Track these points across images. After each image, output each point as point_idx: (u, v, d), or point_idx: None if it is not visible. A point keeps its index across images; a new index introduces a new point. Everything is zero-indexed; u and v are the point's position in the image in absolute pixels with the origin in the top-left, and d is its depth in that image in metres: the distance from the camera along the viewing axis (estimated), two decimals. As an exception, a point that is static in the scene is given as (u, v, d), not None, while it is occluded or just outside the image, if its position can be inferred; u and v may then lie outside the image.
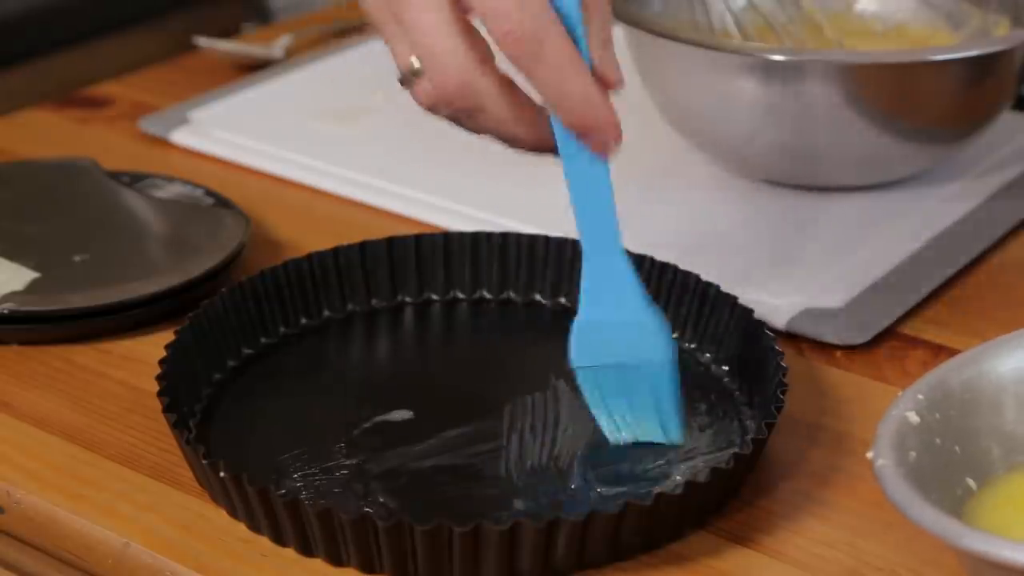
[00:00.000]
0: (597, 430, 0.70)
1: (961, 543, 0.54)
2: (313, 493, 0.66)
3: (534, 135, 0.65)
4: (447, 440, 0.69)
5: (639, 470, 0.68)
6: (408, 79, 0.65)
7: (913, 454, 0.59)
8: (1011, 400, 0.63)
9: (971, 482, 0.61)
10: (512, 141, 0.66)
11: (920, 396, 0.61)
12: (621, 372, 0.68)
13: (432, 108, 0.65)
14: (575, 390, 0.70)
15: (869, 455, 0.58)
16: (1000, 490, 0.61)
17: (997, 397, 0.63)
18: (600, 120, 0.64)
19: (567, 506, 0.65)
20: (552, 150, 0.66)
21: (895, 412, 0.60)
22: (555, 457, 0.69)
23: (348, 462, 0.68)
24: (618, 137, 0.64)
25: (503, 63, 0.64)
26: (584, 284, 0.68)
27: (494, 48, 0.64)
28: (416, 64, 0.64)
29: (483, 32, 0.64)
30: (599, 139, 0.64)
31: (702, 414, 0.71)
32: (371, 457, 0.68)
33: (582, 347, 0.68)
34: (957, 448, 0.61)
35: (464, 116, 0.65)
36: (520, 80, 0.64)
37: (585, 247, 0.67)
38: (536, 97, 0.65)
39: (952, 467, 0.60)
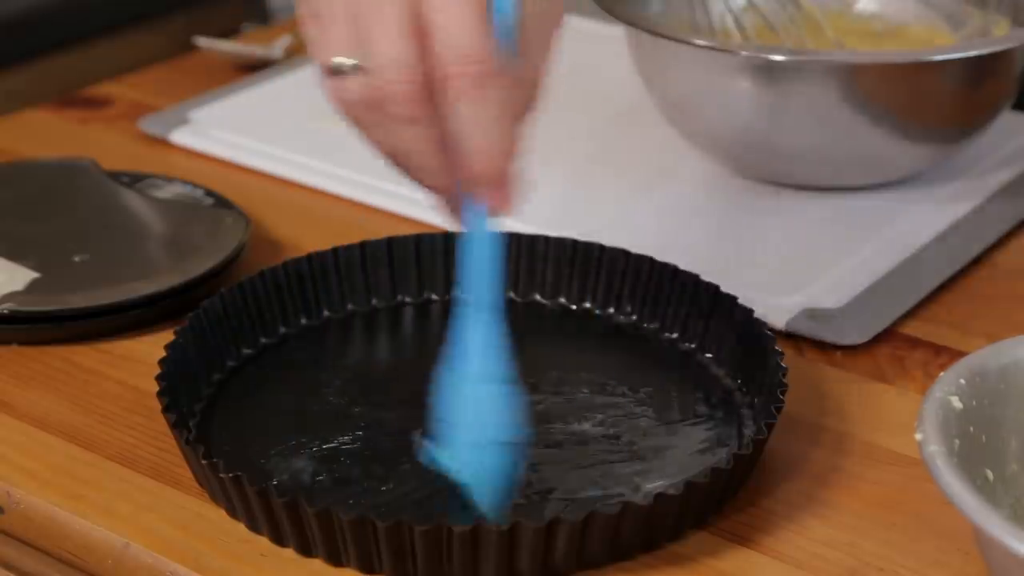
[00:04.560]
0: (594, 430, 0.70)
1: None
2: (313, 493, 0.66)
3: (446, 177, 0.61)
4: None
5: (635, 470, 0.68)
6: (336, 71, 0.60)
7: (957, 442, 0.58)
8: None
9: (989, 473, 0.61)
10: (419, 170, 0.62)
11: (962, 381, 0.61)
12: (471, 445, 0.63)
13: (358, 107, 0.60)
14: (570, 389, 0.69)
15: (918, 436, 0.57)
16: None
17: None
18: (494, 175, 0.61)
19: (561, 507, 0.65)
20: (451, 196, 0.63)
21: (938, 394, 0.60)
22: (550, 457, 0.69)
23: (345, 461, 0.68)
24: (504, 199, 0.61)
25: None
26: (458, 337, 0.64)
27: None
28: (348, 61, 0.60)
29: None
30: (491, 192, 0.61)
31: (702, 414, 0.72)
32: (369, 456, 0.68)
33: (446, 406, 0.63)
34: (984, 437, 0.61)
35: (389, 127, 0.60)
36: None
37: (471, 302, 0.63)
38: None
39: (976, 456, 0.60)
